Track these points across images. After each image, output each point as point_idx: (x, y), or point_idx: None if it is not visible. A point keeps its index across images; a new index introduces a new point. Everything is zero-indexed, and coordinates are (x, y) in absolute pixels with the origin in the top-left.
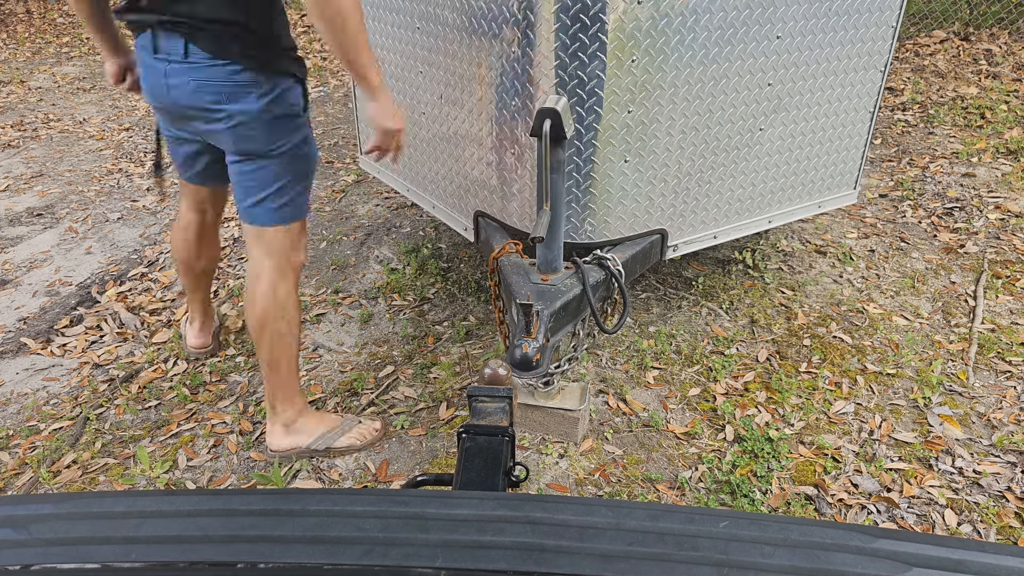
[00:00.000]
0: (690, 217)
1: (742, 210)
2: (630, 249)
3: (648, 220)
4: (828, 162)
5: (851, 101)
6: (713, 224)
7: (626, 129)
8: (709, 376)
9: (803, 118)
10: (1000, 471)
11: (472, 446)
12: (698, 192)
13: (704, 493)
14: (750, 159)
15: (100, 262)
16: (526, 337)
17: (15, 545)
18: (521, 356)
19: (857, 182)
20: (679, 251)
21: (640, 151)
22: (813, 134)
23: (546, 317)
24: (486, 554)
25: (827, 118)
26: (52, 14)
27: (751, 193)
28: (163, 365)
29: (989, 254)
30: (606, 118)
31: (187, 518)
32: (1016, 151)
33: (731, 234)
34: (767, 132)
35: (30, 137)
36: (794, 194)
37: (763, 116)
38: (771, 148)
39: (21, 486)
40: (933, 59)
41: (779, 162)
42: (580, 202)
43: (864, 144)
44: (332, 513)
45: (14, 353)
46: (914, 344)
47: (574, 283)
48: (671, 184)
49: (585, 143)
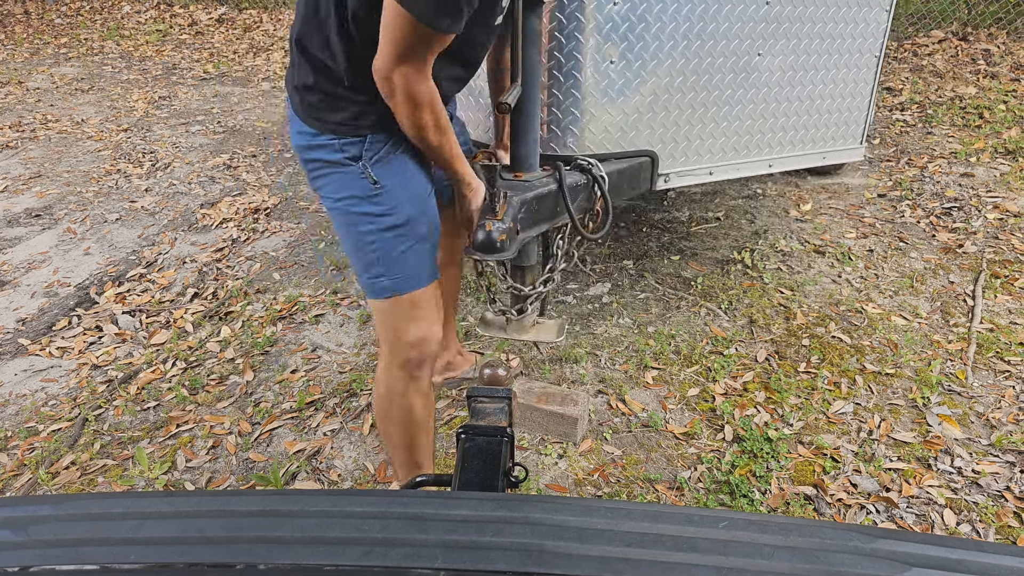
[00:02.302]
0: (683, 144)
1: (740, 146)
2: (616, 165)
3: (636, 138)
4: (832, 107)
5: (855, 41)
6: (708, 157)
7: (611, 24)
8: (708, 376)
9: (804, 50)
10: (999, 471)
11: (471, 447)
12: (691, 116)
13: (703, 493)
14: (747, 88)
15: (99, 263)
16: (491, 217)
17: (14, 547)
18: (484, 236)
19: (863, 136)
20: (671, 182)
21: (627, 52)
22: (815, 71)
23: (516, 203)
24: (485, 555)
25: (830, 56)
26: (50, 15)
27: (750, 128)
28: (162, 366)
29: (988, 254)
30: (590, 8)
31: (186, 519)
32: (1014, 151)
33: (728, 172)
34: (765, 60)
35: (28, 138)
36: (796, 137)
37: (761, 39)
38: (770, 79)
39: (20, 487)
40: (931, 59)
41: (779, 97)
42: (561, 105)
43: (870, 93)
44: (331, 514)
45: (12, 354)
46: (913, 344)
47: (549, 181)
48: (662, 99)
49: (566, 35)
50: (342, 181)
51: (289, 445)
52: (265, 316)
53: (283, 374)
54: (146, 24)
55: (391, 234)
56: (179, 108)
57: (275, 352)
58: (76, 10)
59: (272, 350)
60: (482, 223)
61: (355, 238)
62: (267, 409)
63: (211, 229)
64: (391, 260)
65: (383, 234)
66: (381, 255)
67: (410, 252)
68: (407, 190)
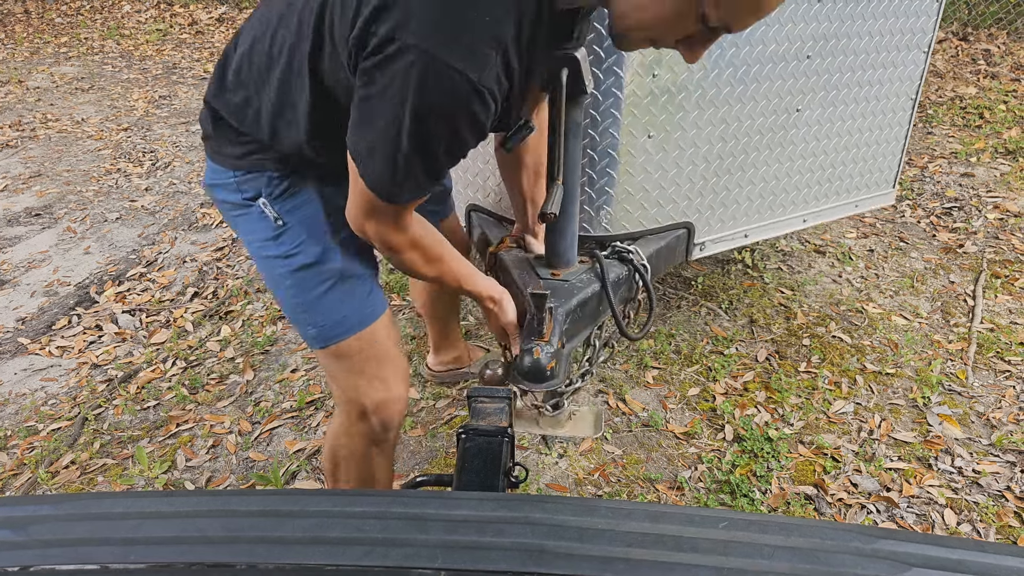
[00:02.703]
0: (719, 210)
1: (775, 205)
2: (653, 244)
3: (673, 210)
4: (867, 155)
5: (892, 85)
6: (744, 220)
7: (650, 97)
8: (708, 376)
9: (841, 100)
10: (999, 470)
11: (472, 447)
12: (728, 180)
13: (704, 493)
14: (785, 145)
15: (98, 262)
16: (538, 341)
17: (14, 547)
18: (532, 364)
19: (896, 180)
20: (706, 250)
21: (666, 125)
22: (853, 120)
23: (561, 316)
24: (486, 555)
25: (867, 103)
26: (50, 14)
27: (785, 186)
28: (162, 365)
29: (988, 254)
30: (628, 82)
31: (186, 519)
32: (1015, 151)
33: (763, 233)
34: (804, 114)
35: (28, 137)
36: (831, 190)
37: (800, 95)
38: (808, 133)
39: (19, 487)
40: (932, 59)
41: (816, 151)
42: (595, 185)
43: (905, 136)
44: (331, 514)
45: (12, 353)
46: (913, 344)
47: (591, 279)
48: (699, 168)
49: (602, 112)
50: (247, 223)
51: (289, 444)
52: (265, 315)
53: (283, 373)
54: (146, 23)
55: (303, 275)
56: (179, 107)
57: (275, 351)
58: (76, 9)
59: (272, 349)
60: (528, 348)
61: (274, 284)
62: (267, 408)
63: (211, 228)
64: (310, 304)
65: (297, 276)
66: (301, 300)
67: (332, 293)
68: (315, 223)
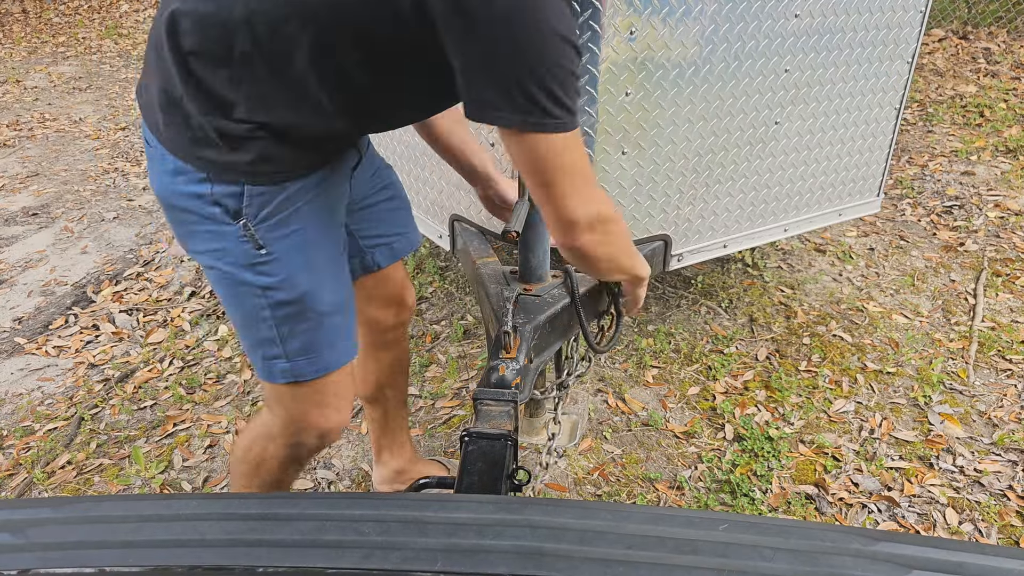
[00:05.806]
0: (697, 222)
1: (755, 216)
2: None
3: (650, 223)
4: (850, 164)
5: (875, 96)
6: (723, 231)
7: (624, 114)
8: (708, 375)
9: (823, 112)
10: (1001, 469)
11: (474, 450)
12: (706, 193)
13: (704, 492)
14: (764, 157)
15: (96, 262)
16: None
17: (12, 550)
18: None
19: (880, 189)
20: (684, 261)
21: (640, 141)
22: (834, 131)
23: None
24: (486, 558)
25: (849, 113)
26: (48, 14)
27: (765, 196)
28: (159, 365)
29: (989, 252)
30: (601, 100)
31: (185, 522)
32: (1015, 149)
33: (742, 243)
34: (783, 126)
35: (26, 136)
36: (812, 199)
37: (779, 107)
38: (787, 145)
39: (15, 487)
40: (932, 57)
41: (796, 161)
42: None
43: (889, 145)
44: (330, 517)
45: (8, 353)
46: (914, 342)
47: (562, 294)
48: (675, 182)
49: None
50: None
51: None
52: None
53: None
54: (144, 23)
55: (285, 311)
56: None
57: None
58: (74, 9)
59: None
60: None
61: (242, 312)
62: None
63: None
64: (289, 340)
65: (277, 311)
66: (276, 334)
67: (315, 330)
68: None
